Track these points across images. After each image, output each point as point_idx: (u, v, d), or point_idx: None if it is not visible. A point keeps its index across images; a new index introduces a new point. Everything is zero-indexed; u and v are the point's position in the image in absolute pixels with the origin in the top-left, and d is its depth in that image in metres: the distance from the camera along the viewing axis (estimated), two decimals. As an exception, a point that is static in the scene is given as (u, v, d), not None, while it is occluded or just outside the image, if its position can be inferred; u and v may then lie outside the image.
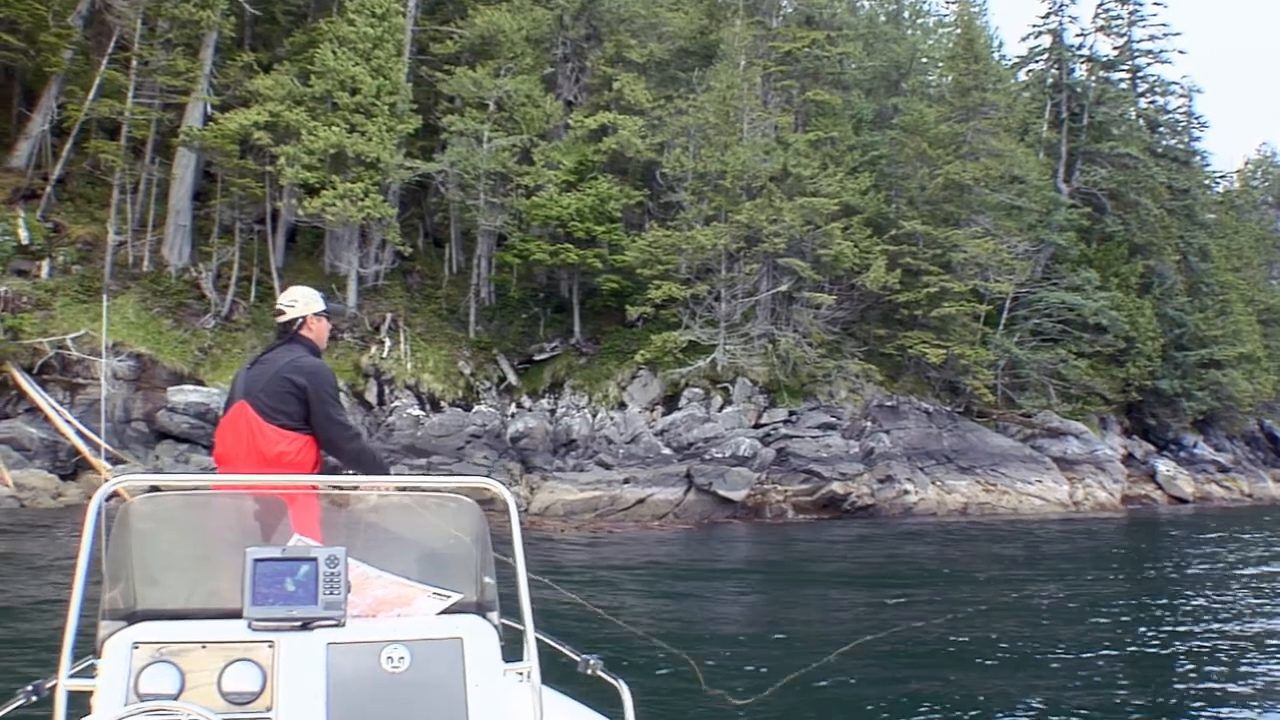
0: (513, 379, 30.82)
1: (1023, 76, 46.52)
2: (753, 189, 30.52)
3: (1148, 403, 40.15)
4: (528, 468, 27.18)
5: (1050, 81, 43.96)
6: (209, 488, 3.79)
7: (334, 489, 3.87)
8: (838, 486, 27.86)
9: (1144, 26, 46.11)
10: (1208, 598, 15.49)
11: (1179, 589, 16.60)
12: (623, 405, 29.32)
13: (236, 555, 3.04)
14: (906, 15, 51.51)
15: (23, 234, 27.18)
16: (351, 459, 4.45)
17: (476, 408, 28.77)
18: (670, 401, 29.56)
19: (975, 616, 12.93)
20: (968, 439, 32.22)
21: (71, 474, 23.78)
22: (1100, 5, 46.36)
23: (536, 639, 3.16)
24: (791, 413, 29.66)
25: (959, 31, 41.16)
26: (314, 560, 3.05)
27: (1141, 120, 46.74)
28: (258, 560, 3.01)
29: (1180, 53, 70.78)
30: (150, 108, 29.05)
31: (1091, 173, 41.14)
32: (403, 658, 3.04)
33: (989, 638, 11.67)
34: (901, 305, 32.63)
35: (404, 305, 31.07)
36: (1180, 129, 48.84)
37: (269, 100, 28.61)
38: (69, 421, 24.31)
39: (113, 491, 3.10)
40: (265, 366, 4.45)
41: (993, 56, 44.68)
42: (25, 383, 24.81)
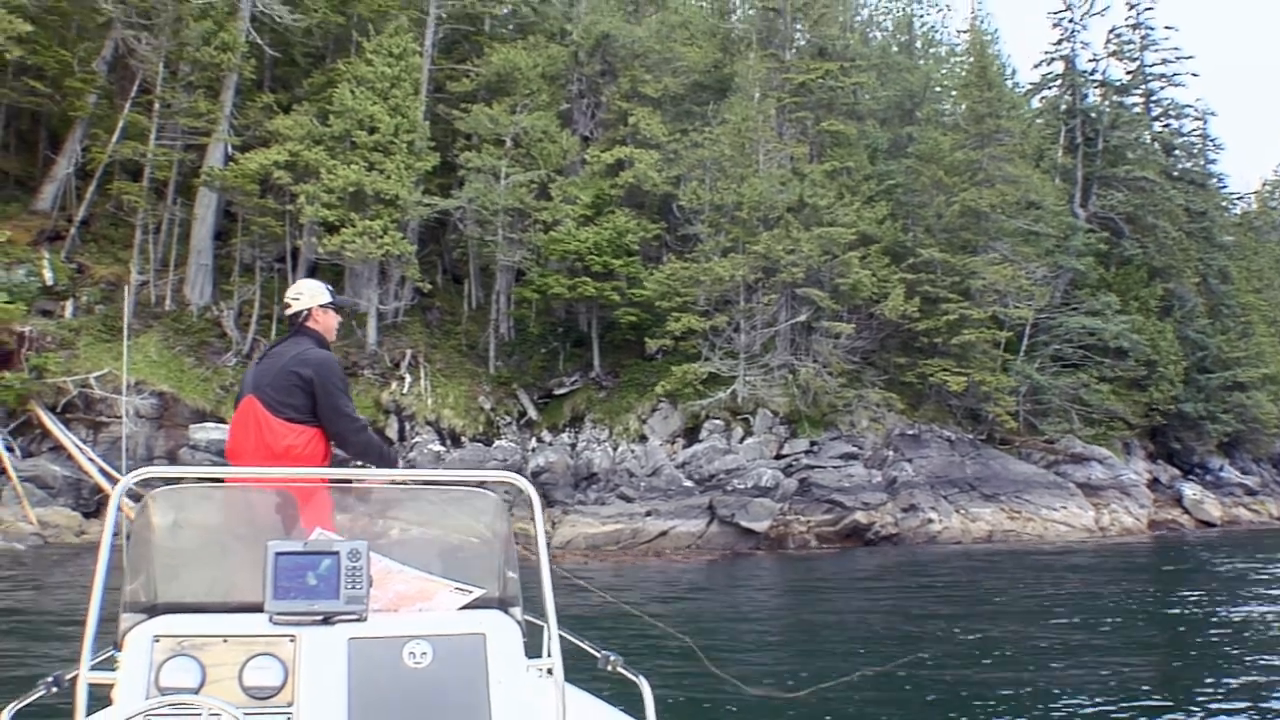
0: (533, 413, 30.83)
1: (1036, 103, 46.58)
2: (770, 220, 30.58)
3: (1172, 426, 39.79)
4: (549, 502, 27.11)
5: (1064, 107, 43.98)
6: (230, 481, 3.80)
7: (358, 483, 3.85)
8: (861, 516, 27.68)
9: (1156, 50, 46.13)
10: (1241, 623, 15.27)
11: (1211, 614, 16.37)
12: (643, 438, 29.27)
13: (257, 548, 3.03)
14: (919, 45, 51.80)
15: (47, 275, 27.48)
16: (358, 451, 4.44)
17: (497, 443, 28.77)
18: (691, 434, 29.49)
19: (1003, 644, 12.78)
20: (991, 466, 31.99)
21: (94, 511, 23.88)
22: (1112, 30, 46.50)
23: (558, 635, 3.13)
24: (813, 443, 29.53)
25: (971, 60, 41.34)
26: (336, 554, 3.03)
27: (1156, 144, 46.63)
28: (279, 554, 3.00)
29: (1193, 75, 70.52)
30: (172, 149, 29.42)
31: (1108, 197, 41.05)
32: (425, 653, 3.02)
33: (1021, 665, 11.53)
34: (921, 333, 32.51)
35: (424, 341, 31.18)
36: (1196, 151, 48.69)
37: (289, 140, 28.92)
38: (91, 459, 24.44)
39: (135, 485, 3.07)
40: (272, 361, 4.45)
41: (1006, 84, 44.79)
42: (49, 421, 25.01)
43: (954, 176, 34.52)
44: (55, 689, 3.00)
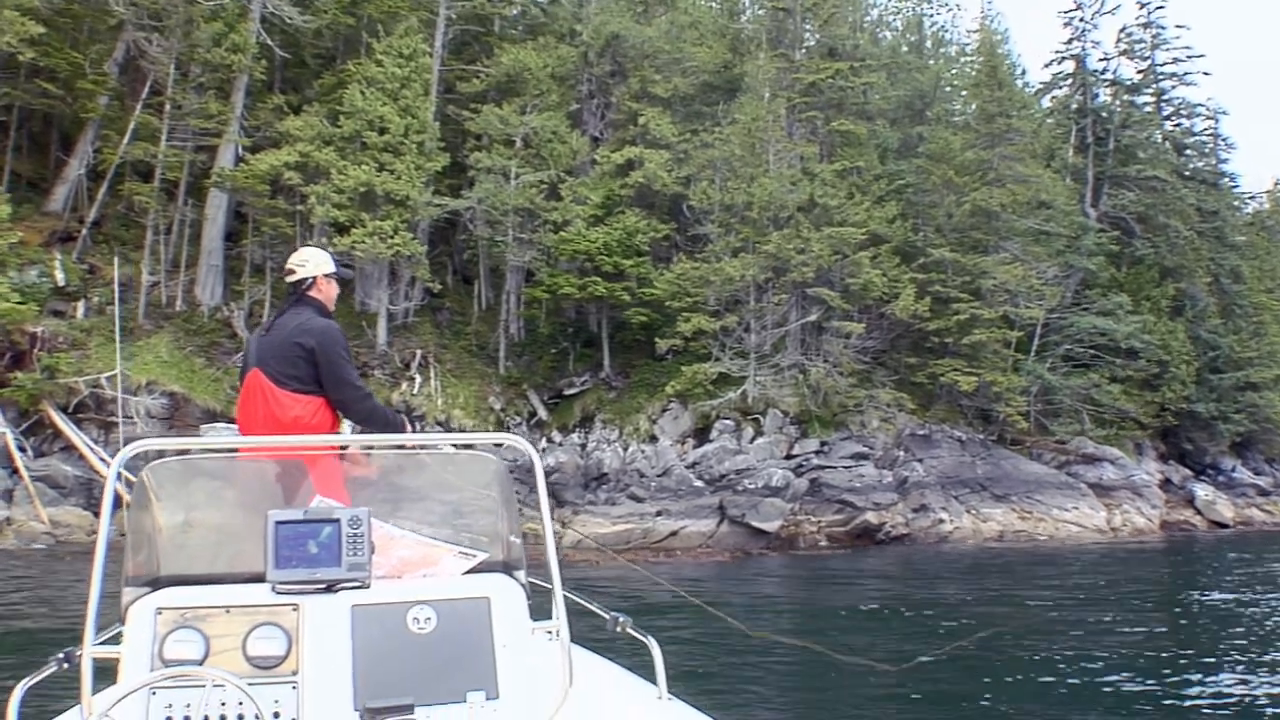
0: (543, 414, 30.82)
1: (1047, 102, 46.40)
2: (780, 219, 30.53)
3: (1184, 427, 39.59)
4: (559, 502, 27.07)
5: (1075, 106, 43.82)
6: (233, 451, 3.77)
7: (357, 448, 3.82)
8: (872, 516, 27.61)
9: (1167, 50, 45.92)
10: (1254, 624, 15.18)
11: (1225, 615, 16.29)
12: (654, 438, 29.24)
13: (258, 519, 3.02)
14: (929, 44, 51.65)
15: (59, 276, 27.58)
16: (363, 419, 4.41)
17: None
18: (701, 434, 29.45)
19: (1015, 647, 12.72)
20: (1002, 466, 31.87)
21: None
22: (1123, 29, 46.25)
23: (564, 597, 3.12)
24: (823, 443, 29.47)
25: (981, 59, 41.22)
26: (336, 522, 3.02)
27: (1168, 143, 46.42)
28: (280, 523, 2.99)
29: (1205, 74, 70.00)
30: (183, 150, 29.51)
31: (1119, 196, 40.90)
32: (429, 618, 3.00)
33: (1034, 668, 11.48)
34: (932, 333, 32.43)
35: (434, 342, 31.20)
36: (1207, 151, 48.43)
37: (299, 141, 28.98)
38: (103, 459, 24.51)
39: (131, 457, 3.05)
40: (276, 332, 4.42)
41: (1016, 83, 44.64)
42: (61, 421, 25.08)
43: (964, 176, 34.42)
44: (66, 665, 2.98)
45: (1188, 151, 47.48)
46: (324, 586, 2.99)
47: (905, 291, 31.06)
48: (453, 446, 3.82)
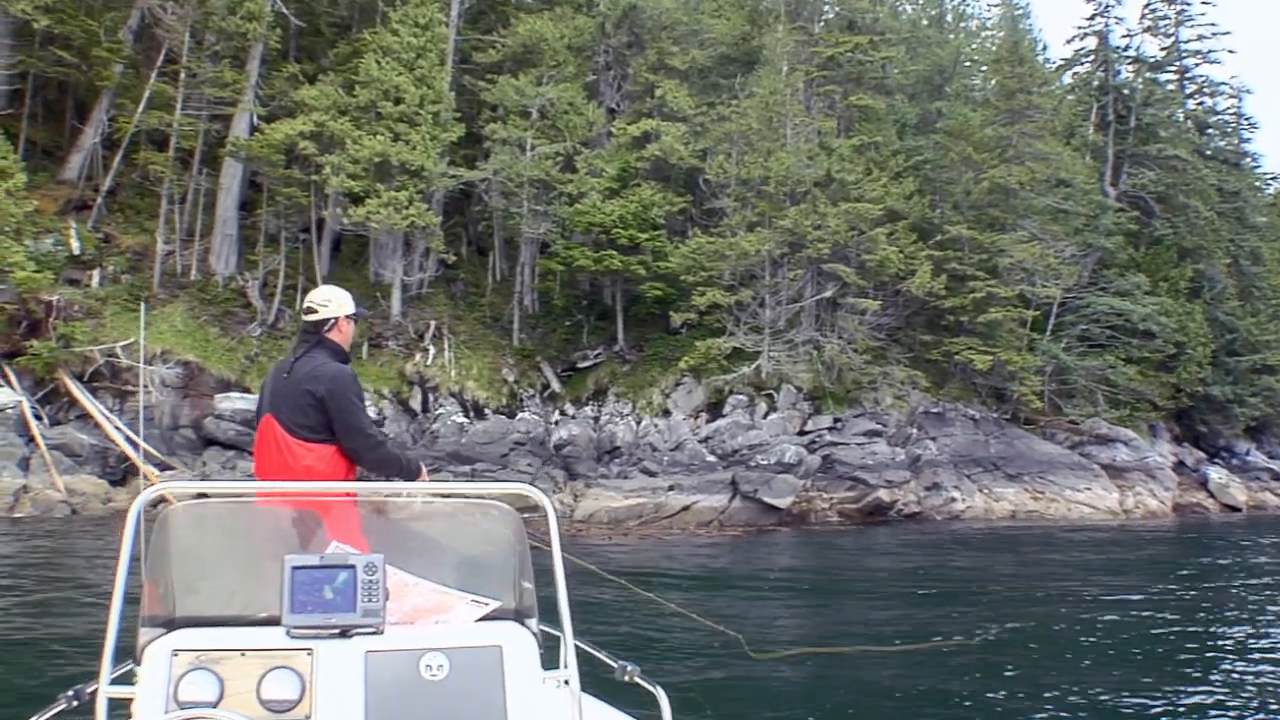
0: (556, 386, 30.83)
1: (1068, 79, 45.99)
2: (796, 194, 30.35)
3: (1198, 409, 39.42)
4: (571, 475, 27.14)
5: (1096, 84, 43.36)
6: (251, 495, 3.80)
7: (374, 496, 3.85)
8: (884, 494, 27.59)
9: (1192, 26, 45.40)
10: (1265, 608, 15.13)
11: (1237, 599, 16.23)
12: (667, 412, 29.22)
13: (275, 563, 3.03)
14: (949, 19, 51.07)
15: (74, 244, 27.61)
16: (374, 467, 4.38)
17: (520, 415, 28.81)
18: (714, 408, 29.40)
19: (1023, 628, 12.69)
20: (1015, 446, 31.80)
21: (120, 479, 24.08)
22: (1147, 5, 45.71)
23: (575, 646, 3.13)
24: (836, 419, 29.41)
25: (1002, 34, 40.78)
26: (352, 568, 3.04)
27: (1190, 122, 45.97)
28: (296, 568, 3.00)
29: (1229, 52, 69.47)
30: (198, 119, 29.43)
31: (1139, 175, 40.53)
32: (441, 665, 3.02)
33: (1036, 650, 11.45)
34: (947, 311, 32.28)
35: (448, 313, 31.19)
36: (1230, 130, 47.95)
37: (314, 110, 28.89)
38: (118, 428, 24.62)
39: (155, 497, 3.10)
40: (288, 378, 4.38)
41: (1037, 59, 44.18)
42: (76, 390, 25.19)
43: (983, 153, 34.13)
44: (76, 702, 3.02)
45: (1209, 131, 47.01)
46: (338, 632, 3.01)
47: (921, 269, 30.89)
48: (467, 496, 3.85)
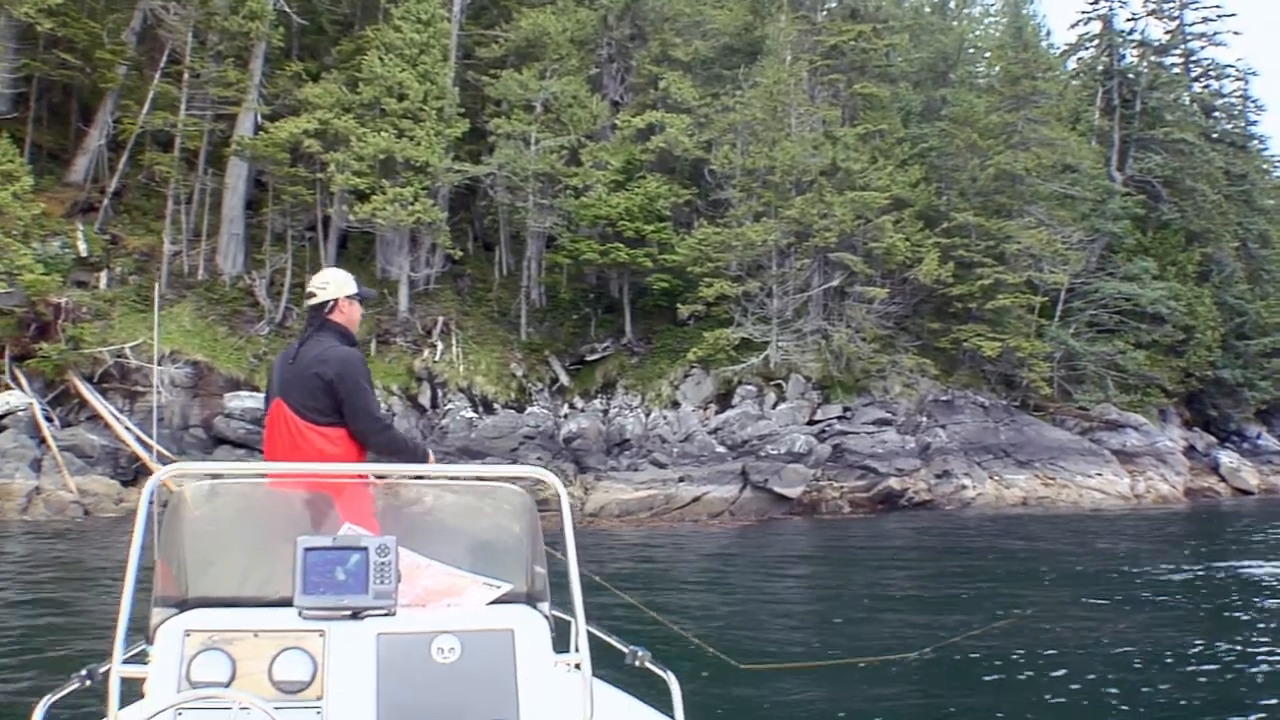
0: (565, 380, 30.83)
1: (1072, 64, 45.77)
2: (802, 184, 30.29)
3: (1208, 393, 39.30)
4: (581, 468, 27.14)
5: (1101, 68, 43.17)
6: (262, 476, 3.83)
7: (385, 478, 3.85)
8: (894, 482, 27.55)
9: (1196, 9, 45.23)
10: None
11: (1251, 583, 16.17)
12: (676, 404, 29.21)
13: (287, 544, 3.05)
14: (952, 5, 50.85)
15: (81, 246, 27.66)
16: (382, 450, 4.39)
17: (529, 409, 28.81)
18: (723, 399, 29.39)
19: (1037, 616, 12.65)
20: (1025, 433, 31.72)
21: (132, 480, 24.10)
22: (1151, -11, 45.50)
23: (586, 630, 3.14)
24: (846, 408, 29.36)
25: (1006, 20, 40.59)
26: (364, 549, 3.05)
27: (1196, 105, 45.79)
28: (308, 549, 3.02)
29: (1235, 34, 68.83)
30: (202, 119, 29.46)
31: (1146, 160, 40.37)
32: (453, 648, 3.03)
33: (1053, 638, 11.42)
34: (955, 298, 32.22)
35: (455, 308, 31.19)
36: (1236, 113, 47.75)
37: (318, 108, 28.87)
38: (128, 428, 24.67)
39: (169, 478, 3.13)
40: (297, 362, 4.40)
41: (1042, 44, 43.98)
42: (86, 391, 25.24)
43: (989, 139, 34.02)
44: (89, 682, 3.03)
45: (1216, 114, 46.81)
46: (350, 613, 3.03)
47: (928, 256, 30.82)
48: (479, 479, 3.86)
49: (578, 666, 3.10)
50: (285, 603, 3.02)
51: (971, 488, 28.84)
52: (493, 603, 3.31)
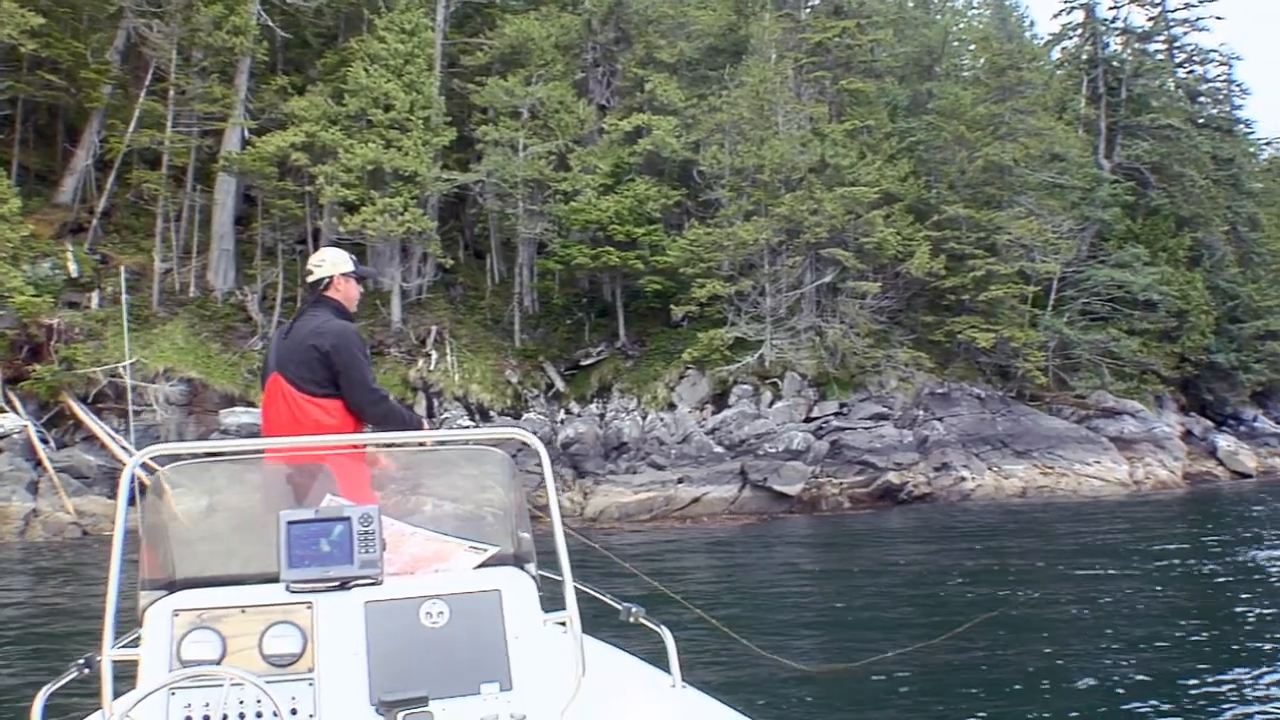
0: (560, 385, 30.79)
1: (1057, 54, 45.83)
2: (791, 181, 30.31)
3: (1203, 378, 39.34)
4: (580, 473, 27.11)
5: (1085, 57, 43.22)
6: (239, 454, 3.86)
7: (363, 447, 3.88)
8: (893, 476, 27.54)
9: (1178, -5, 45.24)
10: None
11: (1254, 566, 16.18)
12: (672, 406, 29.18)
13: (270, 519, 3.08)
14: (935, -1, 51.00)
15: (72, 267, 27.59)
16: (378, 422, 4.40)
17: (526, 415, 28.78)
18: (720, 399, 29.36)
19: (1045, 604, 12.65)
20: (1022, 423, 31.73)
21: (129, 499, 23.98)
22: (1132, -24, 45.55)
23: (576, 589, 3.17)
24: (842, 405, 29.35)
25: (990, 12, 40.66)
26: (347, 520, 3.07)
27: (1181, 91, 45.83)
28: (291, 523, 3.04)
29: (1217, 19, 69.17)
30: (189, 136, 29.40)
31: (1133, 147, 40.44)
32: (441, 612, 3.05)
33: (1063, 626, 11.41)
34: (948, 291, 32.23)
35: (448, 317, 31.15)
36: (1221, 97, 47.77)
37: (305, 121, 28.84)
38: (124, 447, 24.57)
39: (144, 463, 3.13)
40: (294, 335, 4.43)
41: (1025, 35, 44.08)
42: (81, 412, 25.17)
43: (976, 131, 34.06)
44: (87, 670, 3.04)
45: (1201, 99, 46.86)
46: (337, 584, 3.05)
47: (920, 249, 30.84)
48: (460, 443, 3.88)
49: (568, 624, 3.14)
50: (273, 578, 3.04)
51: (970, 479, 28.85)
52: (480, 566, 3.33)
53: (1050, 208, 34.23)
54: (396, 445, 3.92)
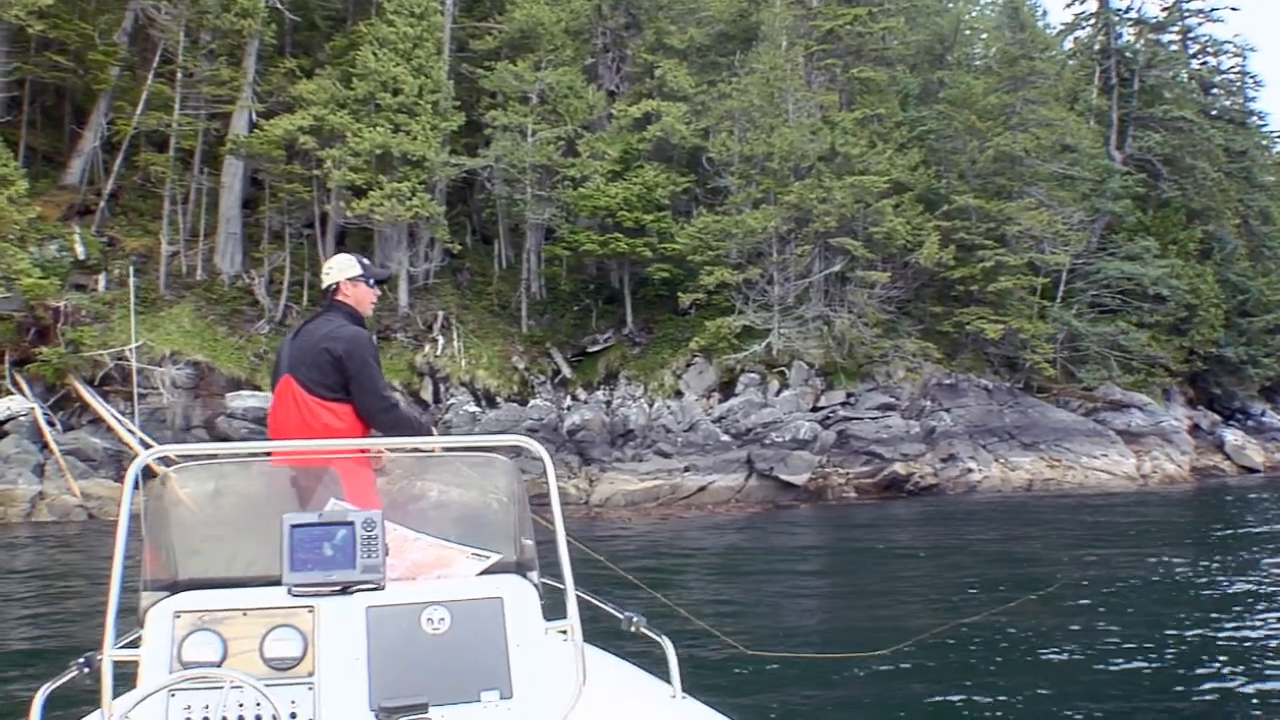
0: (567, 372, 30.73)
1: (1069, 44, 45.56)
2: (801, 169, 30.16)
3: (1212, 371, 39.18)
4: (586, 460, 27.07)
5: (1098, 47, 42.92)
6: (246, 457, 3.87)
7: (368, 452, 3.87)
8: (900, 467, 27.46)
9: (1193, -15, 44.92)
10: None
11: (1261, 560, 16.10)
12: (679, 394, 29.12)
13: (274, 523, 3.07)
14: (948, -13, 50.64)
15: (79, 249, 27.57)
16: (388, 429, 4.39)
17: (532, 402, 28.73)
18: (726, 388, 29.29)
19: (1050, 597, 12.57)
20: (1029, 415, 31.61)
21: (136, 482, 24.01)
22: (1147, -34, 45.26)
23: (578, 597, 3.14)
24: (850, 394, 29.27)
25: (1002, 1, 40.35)
26: (351, 524, 3.07)
27: (1194, 82, 45.57)
28: (295, 526, 3.04)
29: (1232, 9, 68.45)
30: (196, 118, 29.33)
31: (1145, 138, 40.18)
32: (443, 619, 3.05)
33: (1070, 619, 11.34)
34: (956, 281, 32.09)
35: (455, 303, 31.10)
36: (1235, 89, 47.50)
37: (313, 105, 28.74)
38: (131, 430, 24.58)
39: (148, 464, 3.12)
40: (306, 338, 4.43)
41: (1038, 24, 43.78)
42: (87, 394, 25.18)
43: (987, 121, 33.86)
44: (87, 669, 3.04)
45: (1214, 90, 46.59)
46: (339, 589, 3.05)
47: (929, 240, 30.69)
48: (463, 449, 3.85)
49: (569, 633, 3.11)
50: (274, 581, 3.04)
51: (977, 471, 28.76)
52: (482, 573, 3.33)
53: (1061, 199, 34.05)
54: (403, 451, 3.89)
